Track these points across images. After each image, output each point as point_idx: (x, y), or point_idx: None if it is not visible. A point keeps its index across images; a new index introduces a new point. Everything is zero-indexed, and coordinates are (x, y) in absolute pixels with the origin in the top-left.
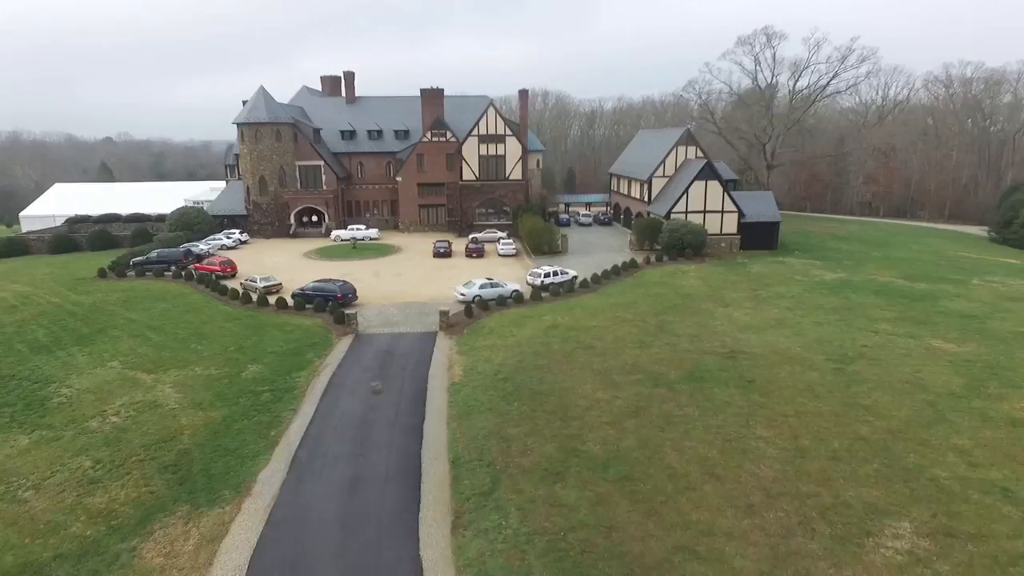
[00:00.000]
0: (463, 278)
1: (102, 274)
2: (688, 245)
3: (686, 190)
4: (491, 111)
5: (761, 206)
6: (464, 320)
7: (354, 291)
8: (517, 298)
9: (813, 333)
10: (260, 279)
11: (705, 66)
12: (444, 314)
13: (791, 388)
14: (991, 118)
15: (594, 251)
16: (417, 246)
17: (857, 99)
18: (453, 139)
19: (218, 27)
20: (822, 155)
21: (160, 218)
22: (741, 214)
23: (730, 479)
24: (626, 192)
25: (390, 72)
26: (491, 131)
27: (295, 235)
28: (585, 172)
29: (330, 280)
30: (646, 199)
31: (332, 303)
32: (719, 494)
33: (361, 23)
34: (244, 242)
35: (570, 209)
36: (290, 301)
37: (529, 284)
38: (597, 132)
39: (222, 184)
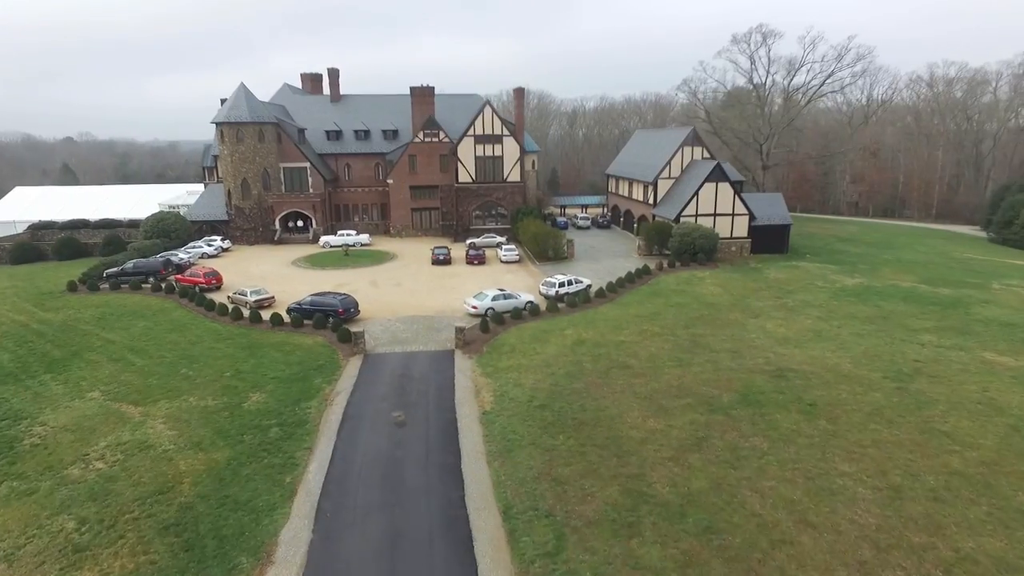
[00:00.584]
0: (467, 288)
1: (72, 287)
2: (700, 250)
3: (696, 192)
4: (487, 110)
5: (771, 208)
6: (481, 336)
7: (356, 305)
8: (533, 310)
9: (857, 346)
10: (250, 292)
11: (699, 64)
12: (460, 331)
13: (858, 412)
14: (974, 118)
15: (600, 257)
16: (412, 252)
17: (842, 99)
18: (447, 139)
19: (183, 25)
20: (819, 155)
21: (133, 224)
22: (752, 217)
23: (827, 528)
24: (626, 194)
25: (364, 71)
26: (488, 131)
27: (280, 241)
28: (568, 172)
29: (329, 293)
30: (651, 201)
31: (333, 319)
32: (821, 548)
33: (333, 22)
34: (226, 249)
35: (566, 211)
36: (286, 317)
37: (543, 294)
38: (578, 132)
39: (199, 187)
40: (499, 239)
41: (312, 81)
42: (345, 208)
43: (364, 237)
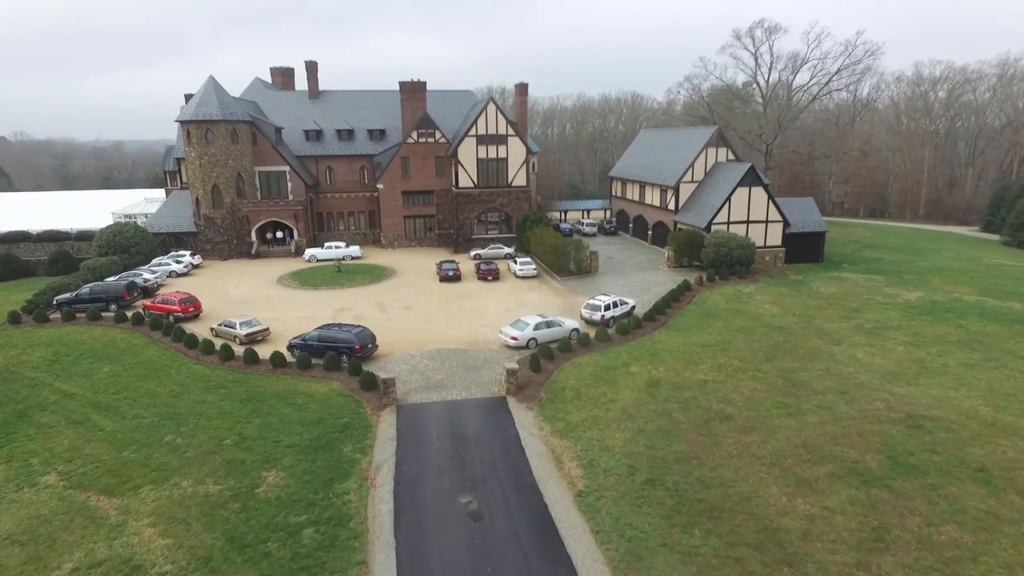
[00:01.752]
0: (489, 310)
1: (15, 319)
2: (737, 261)
3: (728, 198)
4: (491, 108)
5: (805, 214)
6: (533, 377)
7: (373, 339)
8: (582, 340)
9: (977, 381)
10: (240, 323)
11: (700, 61)
12: (512, 374)
13: None
14: (962, 116)
15: (625, 269)
16: (411, 266)
17: (828, 98)
18: (443, 140)
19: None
20: (823, 155)
21: (82, 236)
22: (786, 224)
23: None
24: (636, 198)
25: (321, 70)
26: (491, 131)
27: (258, 255)
28: (546, 173)
29: (339, 325)
30: (671, 207)
31: (348, 357)
32: None
33: (278, 20)
34: (197, 266)
35: (567, 216)
36: (289, 355)
37: (586, 319)
38: (554, 131)
39: (159, 194)
40: (506, 250)
41: (283, 76)
42: (328, 216)
43: (355, 249)
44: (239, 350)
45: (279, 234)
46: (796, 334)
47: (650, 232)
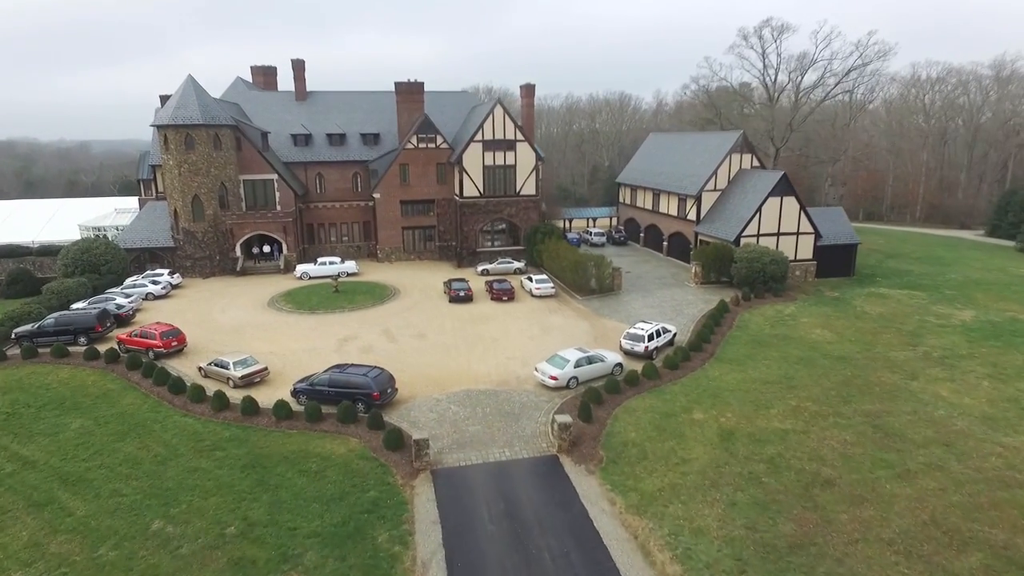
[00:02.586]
0: (512, 339)
1: None
2: (770, 277)
3: (759, 208)
4: (499, 111)
5: (835, 225)
6: (585, 428)
7: (392, 381)
8: (630, 379)
9: None
10: (234, 363)
11: (704, 61)
12: (565, 429)
13: None
14: (961, 118)
15: (649, 287)
16: (415, 284)
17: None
18: (445, 145)
19: (85, 13)
20: (829, 158)
21: (45, 250)
22: (818, 235)
23: None
24: (648, 206)
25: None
26: (498, 136)
27: (244, 272)
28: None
29: (352, 366)
30: (691, 217)
31: (365, 405)
32: None
33: (249, 19)
34: (176, 286)
35: (572, 225)
36: (294, 403)
37: (626, 350)
38: (541, 133)
39: (132, 203)
40: (516, 264)
41: (265, 75)
42: (320, 228)
43: (351, 265)
44: (235, 395)
45: (266, 248)
46: (863, 366)
47: (665, 243)
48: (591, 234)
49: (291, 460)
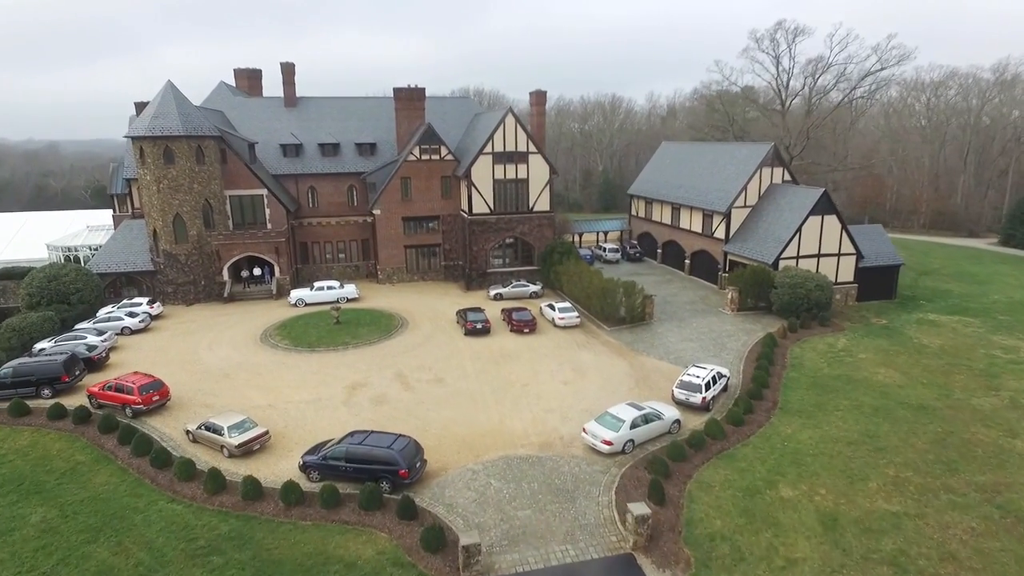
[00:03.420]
0: (542, 381)
1: None
2: (815, 304)
3: (799, 228)
4: (510, 120)
5: (875, 244)
6: (658, 513)
7: (420, 452)
8: (695, 441)
9: None
10: (228, 428)
11: (715, 65)
12: (643, 522)
13: None
14: (967, 122)
15: (679, 313)
16: (423, 311)
17: (828, 102)
18: (449, 157)
19: (56, 10)
20: (843, 167)
21: (9, 273)
22: (859, 256)
23: None
24: (668, 221)
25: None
26: (509, 148)
27: (232, 299)
28: None
29: (370, 434)
30: (720, 235)
31: (390, 484)
32: None
33: (221, 17)
34: (157, 316)
35: (582, 239)
36: (304, 481)
37: (679, 401)
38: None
39: (105, 218)
40: (532, 287)
41: (249, 79)
42: (313, 246)
43: (351, 289)
44: (231, 468)
45: (256, 271)
46: (949, 419)
47: (687, 261)
48: (605, 250)
49: (307, 569)
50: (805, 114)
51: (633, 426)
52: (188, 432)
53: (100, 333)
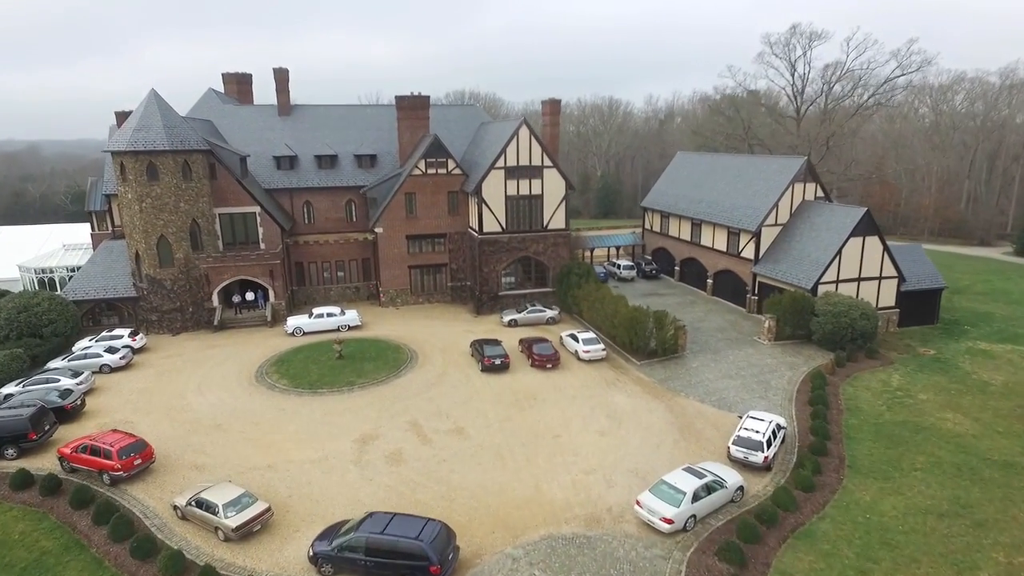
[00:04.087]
0: (573, 431)
1: None
2: (860, 335)
3: (839, 251)
4: (524, 132)
5: (916, 265)
6: None
7: (452, 539)
8: (766, 516)
9: None
10: (223, 505)
11: (727, 70)
12: None
13: None
14: (977, 127)
15: (712, 343)
16: (432, 341)
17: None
18: (457, 171)
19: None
20: (863, 176)
21: None
22: (902, 279)
23: None
24: (687, 238)
25: (254, 67)
26: (523, 162)
27: (222, 327)
28: None
29: (395, 521)
30: (748, 255)
31: None
32: None
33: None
34: (139, 350)
35: (593, 253)
36: (314, 574)
37: (738, 460)
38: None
39: (83, 235)
40: (549, 313)
41: (239, 84)
42: (310, 267)
43: (352, 316)
44: (228, 557)
45: (249, 296)
46: None
47: (710, 281)
48: (619, 267)
49: None
50: (820, 122)
51: (695, 498)
52: (176, 508)
53: (76, 374)
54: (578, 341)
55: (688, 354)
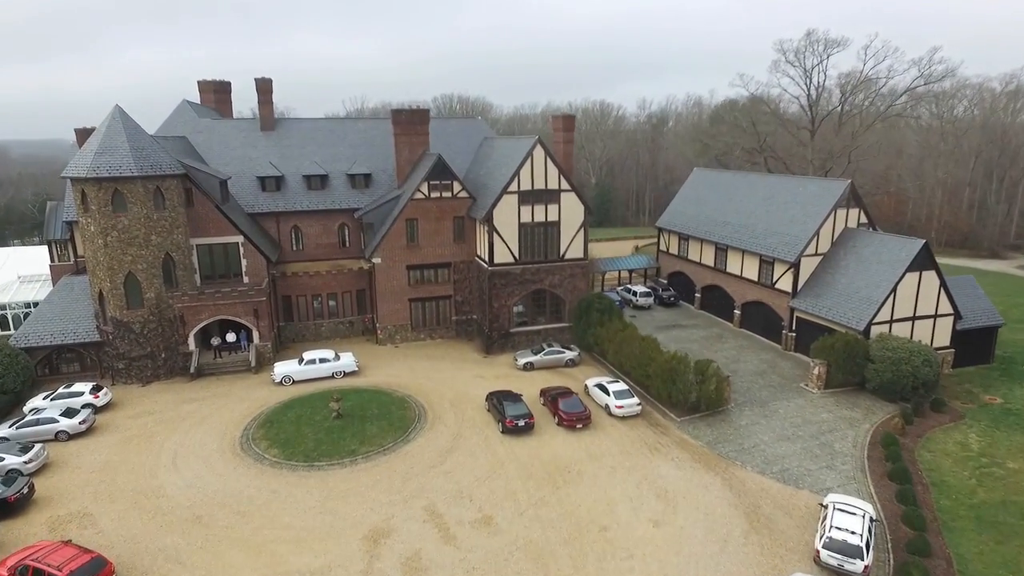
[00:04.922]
0: (617, 515)
1: None
2: (923, 383)
3: (895, 287)
4: (539, 153)
5: (970, 299)
6: None
7: None
8: None
9: None
10: None
11: (739, 79)
12: None
13: None
14: (982, 135)
15: (753, 391)
16: (439, 387)
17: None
18: (463, 194)
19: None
20: (879, 191)
21: None
22: (958, 316)
23: None
24: (711, 263)
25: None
26: (538, 184)
27: (200, 374)
28: None
29: None
30: (785, 287)
31: None
32: None
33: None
34: (103, 408)
35: (604, 278)
36: None
37: (828, 566)
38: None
39: (41, 265)
40: (569, 354)
41: (216, 92)
42: (299, 300)
43: (348, 361)
44: None
45: (230, 336)
46: None
47: (737, 312)
48: (635, 293)
49: None
50: (836, 133)
51: None
52: None
53: (24, 448)
54: (608, 394)
55: (733, 407)
